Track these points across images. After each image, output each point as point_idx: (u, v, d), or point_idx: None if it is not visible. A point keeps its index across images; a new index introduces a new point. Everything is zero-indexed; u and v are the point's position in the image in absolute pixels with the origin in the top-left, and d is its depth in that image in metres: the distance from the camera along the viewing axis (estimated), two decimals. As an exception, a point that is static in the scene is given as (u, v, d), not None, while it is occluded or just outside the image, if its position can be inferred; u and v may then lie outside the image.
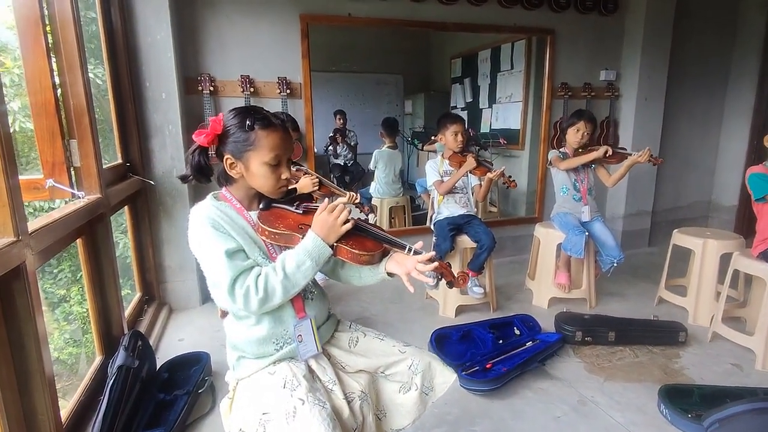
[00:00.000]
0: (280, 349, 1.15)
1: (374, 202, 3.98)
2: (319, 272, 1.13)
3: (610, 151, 2.76)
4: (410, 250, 1.15)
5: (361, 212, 2.55)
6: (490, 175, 2.63)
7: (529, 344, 2.31)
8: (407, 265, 1.13)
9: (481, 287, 2.82)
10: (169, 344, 2.45)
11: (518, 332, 2.45)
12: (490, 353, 2.22)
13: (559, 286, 2.89)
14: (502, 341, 2.36)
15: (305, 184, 2.38)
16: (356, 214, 1.60)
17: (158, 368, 2.07)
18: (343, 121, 4.49)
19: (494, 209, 4.30)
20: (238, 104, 2.52)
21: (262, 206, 1.15)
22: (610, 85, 3.83)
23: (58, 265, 2.53)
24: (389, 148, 4.06)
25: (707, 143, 4.36)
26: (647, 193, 4.05)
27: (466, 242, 2.72)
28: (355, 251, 1.10)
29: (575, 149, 2.86)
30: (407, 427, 1.31)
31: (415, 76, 5.11)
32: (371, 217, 2.61)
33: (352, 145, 4.48)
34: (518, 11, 3.45)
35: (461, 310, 2.80)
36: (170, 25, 2.56)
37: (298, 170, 2.47)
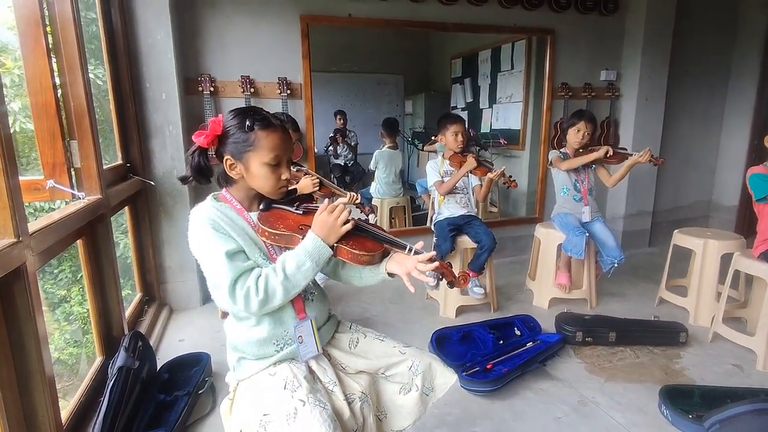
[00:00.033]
0: (280, 350, 1.15)
1: (374, 202, 3.98)
2: (319, 273, 1.13)
3: (610, 151, 2.76)
4: (411, 250, 1.14)
5: (361, 212, 2.55)
6: (490, 175, 2.63)
7: (529, 345, 2.31)
8: (408, 265, 1.13)
9: (481, 288, 2.81)
10: (169, 345, 2.45)
11: (519, 333, 2.45)
12: (490, 354, 2.22)
13: (559, 286, 2.89)
14: (502, 342, 2.35)
15: (306, 184, 2.38)
16: (357, 214, 1.60)
17: (159, 369, 2.07)
18: (343, 121, 4.49)
19: (495, 209, 4.30)
20: (238, 105, 2.52)
21: (262, 207, 1.15)
22: (610, 85, 3.82)
23: (58, 265, 2.53)
24: (389, 148, 4.06)
25: (708, 143, 4.35)
26: (648, 193, 4.05)
27: (466, 243, 2.72)
28: (355, 251, 1.09)
29: (576, 149, 2.86)
30: (408, 427, 1.31)
31: (415, 76, 5.11)
32: (372, 217, 2.60)
33: (352, 145, 4.48)
34: (518, 11, 3.45)
35: (462, 310, 2.80)
36: (170, 25, 2.56)
37: (298, 171, 2.46)
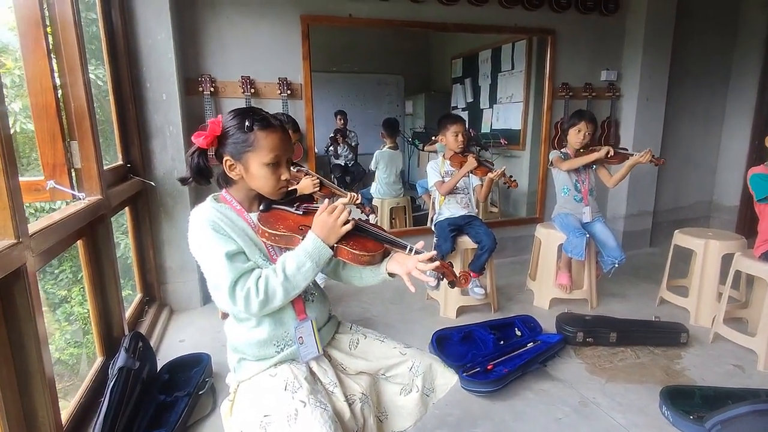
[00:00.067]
0: (280, 351, 1.15)
1: (375, 202, 3.98)
2: (319, 273, 1.13)
3: (611, 151, 2.76)
4: (411, 249, 1.14)
5: (362, 213, 2.55)
6: (491, 175, 2.63)
7: (530, 345, 2.30)
8: (408, 264, 1.12)
9: (482, 288, 2.81)
10: (169, 345, 2.45)
11: (519, 333, 2.45)
12: (491, 354, 2.22)
13: (560, 286, 2.89)
14: (503, 342, 2.35)
15: (306, 185, 2.37)
16: (357, 214, 1.60)
17: (159, 369, 2.07)
18: (343, 121, 4.48)
19: (495, 210, 4.30)
20: (238, 105, 2.50)
21: (262, 208, 1.15)
22: (611, 85, 3.82)
23: (59, 265, 2.54)
24: (390, 148, 4.06)
25: (708, 143, 4.35)
26: (648, 193, 4.05)
27: (467, 243, 2.72)
28: (355, 252, 1.09)
29: (576, 150, 2.85)
30: (408, 428, 1.31)
31: (415, 76, 5.10)
32: (372, 217, 2.60)
33: (352, 145, 4.47)
34: (519, 11, 3.45)
35: (462, 310, 2.79)
36: (171, 26, 2.56)
37: (298, 171, 2.46)
